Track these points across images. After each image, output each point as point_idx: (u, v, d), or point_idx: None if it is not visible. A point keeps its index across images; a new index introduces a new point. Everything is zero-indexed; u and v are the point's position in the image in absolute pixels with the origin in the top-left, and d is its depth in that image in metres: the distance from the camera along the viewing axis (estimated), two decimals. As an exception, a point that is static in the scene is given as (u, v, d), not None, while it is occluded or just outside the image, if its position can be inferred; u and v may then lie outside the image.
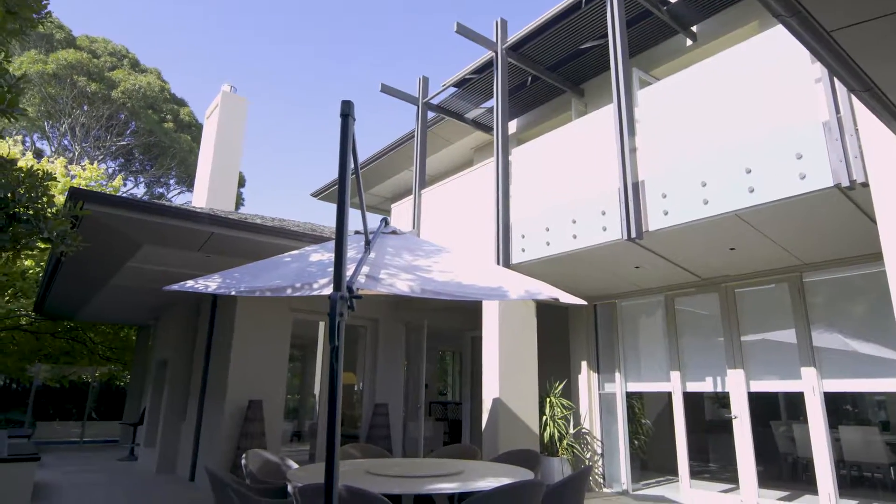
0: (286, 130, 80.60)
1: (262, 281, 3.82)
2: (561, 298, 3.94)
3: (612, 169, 5.76)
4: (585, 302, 4.94)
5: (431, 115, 9.57)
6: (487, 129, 9.67)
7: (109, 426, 14.74)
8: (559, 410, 7.25)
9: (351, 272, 3.13)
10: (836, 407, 8.04)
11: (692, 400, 7.02)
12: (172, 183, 26.22)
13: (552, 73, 8.07)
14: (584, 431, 7.69)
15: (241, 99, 15.39)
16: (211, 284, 3.95)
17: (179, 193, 26.49)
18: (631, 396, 7.65)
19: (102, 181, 16.84)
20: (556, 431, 7.11)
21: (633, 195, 5.45)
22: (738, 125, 4.81)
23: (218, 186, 14.32)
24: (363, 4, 71.95)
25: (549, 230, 6.32)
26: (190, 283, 4.07)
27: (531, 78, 8.27)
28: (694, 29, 7.13)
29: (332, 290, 2.43)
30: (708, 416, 9.78)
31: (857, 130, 4.04)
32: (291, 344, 8.35)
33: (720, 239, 5.42)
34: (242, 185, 25.61)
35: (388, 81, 9.13)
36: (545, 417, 7.18)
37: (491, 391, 6.66)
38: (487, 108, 9.32)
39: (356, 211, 3.89)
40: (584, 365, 7.95)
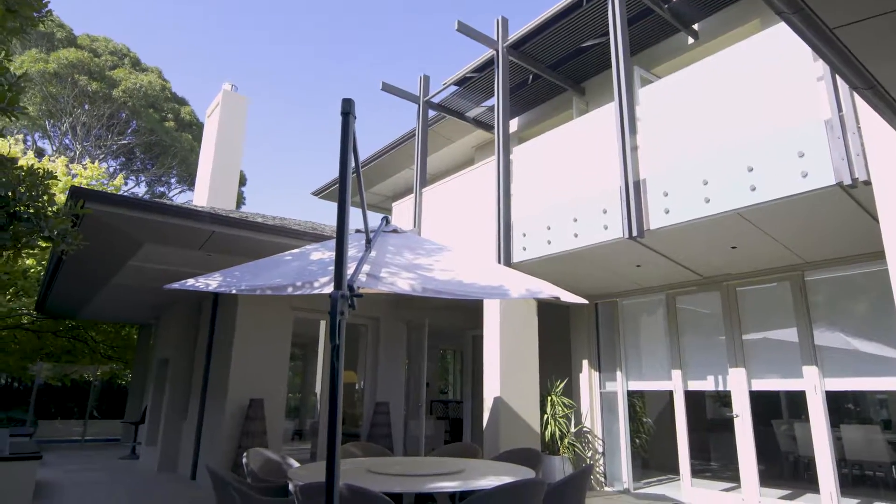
0: (287, 129, 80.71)
1: (262, 279, 3.82)
2: (562, 297, 3.93)
3: (613, 167, 5.75)
4: (586, 301, 4.94)
5: (432, 113, 9.56)
6: (488, 127, 9.66)
7: (111, 425, 14.77)
8: (560, 409, 7.24)
9: (352, 271, 3.12)
10: (837, 406, 8.02)
11: (693, 398, 7.02)
12: (173, 182, 26.26)
13: (553, 71, 8.06)
14: (585, 430, 7.68)
15: (241, 98, 15.39)
16: (212, 283, 3.95)
17: (180, 192, 26.55)
18: (632, 395, 7.64)
19: (103, 180, 16.85)
20: (557, 430, 7.11)
21: (634, 193, 5.44)
22: (739, 123, 4.80)
23: (219, 185, 14.33)
24: (363, 4, 71.94)
25: (550, 229, 6.31)
26: (191, 281, 4.07)
27: (532, 76, 8.26)
28: (695, 27, 7.11)
29: (332, 288, 2.42)
30: (709, 414, 9.77)
31: (859, 128, 4.03)
32: (292, 343, 8.36)
33: (722, 237, 5.41)
34: (243, 183, 25.62)
35: (388, 81, 9.14)
36: (546, 416, 7.17)
37: (492, 390, 6.66)
38: (488, 106, 9.31)
39: (357, 209, 3.87)
40: (585, 363, 7.95)
